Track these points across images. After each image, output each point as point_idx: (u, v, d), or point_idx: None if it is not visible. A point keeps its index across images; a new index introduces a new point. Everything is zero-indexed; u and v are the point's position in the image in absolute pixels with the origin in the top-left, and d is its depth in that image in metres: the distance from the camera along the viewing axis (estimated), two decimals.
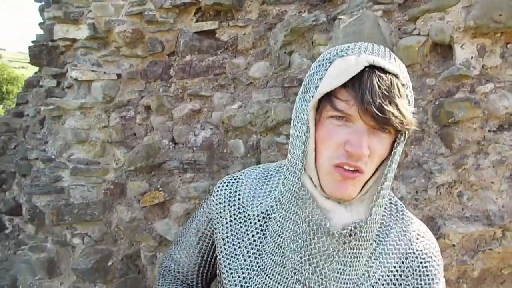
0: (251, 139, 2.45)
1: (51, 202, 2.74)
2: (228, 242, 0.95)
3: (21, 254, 2.88)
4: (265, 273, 0.87)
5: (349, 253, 0.81)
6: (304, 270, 0.82)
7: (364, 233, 0.81)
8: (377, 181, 0.83)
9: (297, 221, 0.83)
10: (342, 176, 0.78)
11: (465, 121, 1.89)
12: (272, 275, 0.86)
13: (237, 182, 1.01)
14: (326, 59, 0.81)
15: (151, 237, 2.68)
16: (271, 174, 0.99)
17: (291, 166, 0.86)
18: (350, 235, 0.80)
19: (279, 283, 0.85)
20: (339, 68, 0.76)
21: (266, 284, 0.87)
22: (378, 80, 0.74)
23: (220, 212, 0.98)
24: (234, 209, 0.97)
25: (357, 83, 0.74)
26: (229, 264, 0.93)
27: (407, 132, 0.81)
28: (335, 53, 0.81)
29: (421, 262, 0.86)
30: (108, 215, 2.80)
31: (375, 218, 0.82)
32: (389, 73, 0.77)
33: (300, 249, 0.82)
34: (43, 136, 3.08)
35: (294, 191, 0.84)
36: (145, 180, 2.70)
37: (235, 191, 0.99)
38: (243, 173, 1.04)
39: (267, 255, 0.88)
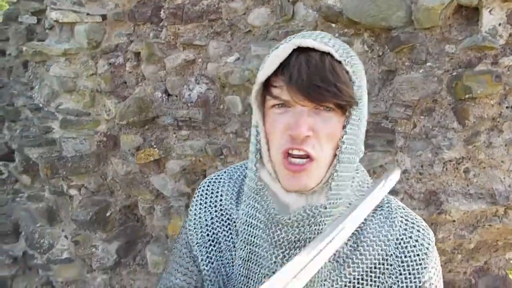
0: (249, 97, 2.29)
1: (43, 154, 2.67)
2: (207, 243, 0.93)
3: (20, 201, 2.89)
4: (236, 271, 0.88)
5: (310, 238, 0.79)
6: (271, 264, 0.81)
7: (323, 217, 0.78)
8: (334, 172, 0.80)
9: (258, 216, 0.83)
10: (291, 170, 0.76)
11: (483, 97, 1.73)
12: (242, 271, 0.86)
13: (219, 182, 0.97)
14: (267, 55, 0.81)
15: (147, 190, 2.66)
16: None
17: (249, 162, 0.85)
18: (309, 219, 0.78)
19: (250, 278, 0.85)
20: (271, 57, 0.77)
21: (237, 281, 0.87)
22: (307, 59, 0.73)
23: (201, 213, 0.95)
24: (216, 211, 0.93)
25: (286, 67, 0.74)
26: (209, 263, 0.92)
27: (354, 110, 0.77)
28: (273, 47, 0.81)
29: (406, 247, 0.81)
30: (103, 167, 2.75)
31: (335, 203, 0.79)
32: (321, 52, 0.74)
33: (265, 243, 0.82)
34: (28, 81, 2.89)
35: (253, 187, 0.84)
36: (139, 134, 2.60)
37: (217, 192, 0.95)
38: (225, 172, 1.00)
39: (238, 254, 0.88)
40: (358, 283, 0.80)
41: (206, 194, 0.96)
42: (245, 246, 0.86)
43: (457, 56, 1.76)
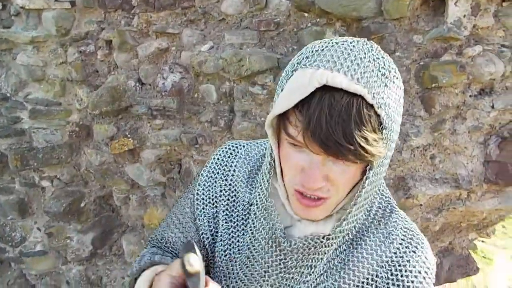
0: (223, 86, 2.30)
1: (12, 145, 2.60)
2: (211, 216, 0.90)
3: None
4: (237, 268, 0.85)
5: (307, 265, 0.79)
6: (263, 281, 0.82)
7: (324, 247, 0.77)
8: (350, 201, 0.74)
9: (261, 231, 0.82)
10: (303, 204, 0.72)
11: (448, 86, 1.81)
12: (240, 275, 0.85)
13: (235, 155, 0.93)
14: (292, 65, 0.70)
15: (122, 180, 2.65)
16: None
17: (263, 174, 0.80)
18: (310, 248, 0.77)
19: (245, 284, 0.85)
20: (294, 83, 0.65)
21: (229, 279, 0.86)
22: (331, 103, 0.61)
23: (210, 184, 0.92)
24: (225, 184, 0.90)
25: (306, 105, 0.62)
26: (212, 236, 0.90)
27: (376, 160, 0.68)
28: (301, 59, 0.68)
29: (400, 270, 0.77)
30: (76, 158, 2.70)
31: (339, 236, 0.77)
32: (350, 93, 0.61)
33: (262, 259, 0.82)
34: None
35: (263, 201, 0.80)
36: (112, 123, 2.57)
37: (230, 166, 0.92)
38: (244, 146, 0.94)
39: (241, 251, 0.86)
40: None
41: (221, 164, 0.92)
42: (245, 251, 0.85)
43: (424, 46, 1.83)
